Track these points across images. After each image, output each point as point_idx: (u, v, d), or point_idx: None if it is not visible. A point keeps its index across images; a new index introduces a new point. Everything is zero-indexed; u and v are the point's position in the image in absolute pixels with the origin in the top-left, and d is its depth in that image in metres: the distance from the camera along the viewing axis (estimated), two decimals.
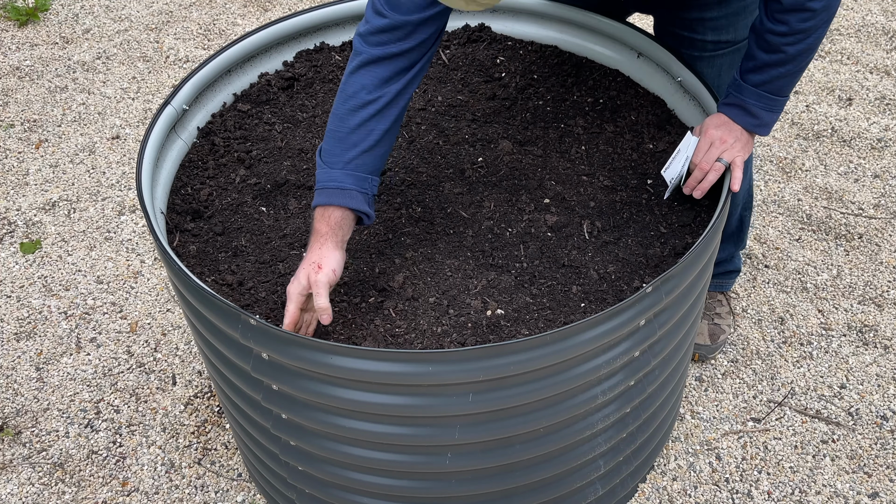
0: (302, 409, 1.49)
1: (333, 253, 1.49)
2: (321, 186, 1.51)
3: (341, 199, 1.49)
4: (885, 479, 2.03)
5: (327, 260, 1.48)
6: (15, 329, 2.46)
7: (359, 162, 1.51)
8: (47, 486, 2.08)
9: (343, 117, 1.51)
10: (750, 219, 2.24)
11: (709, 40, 1.82)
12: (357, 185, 1.51)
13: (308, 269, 1.47)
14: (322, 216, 1.50)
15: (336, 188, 1.50)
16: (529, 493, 1.65)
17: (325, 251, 1.48)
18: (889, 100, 3.13)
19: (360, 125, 1.51)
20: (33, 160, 3.04)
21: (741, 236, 2.26)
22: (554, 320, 1.51)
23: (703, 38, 1.82)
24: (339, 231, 1.50)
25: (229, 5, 3.85)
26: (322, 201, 1.50)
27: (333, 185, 1.50)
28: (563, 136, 1.90)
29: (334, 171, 1.51)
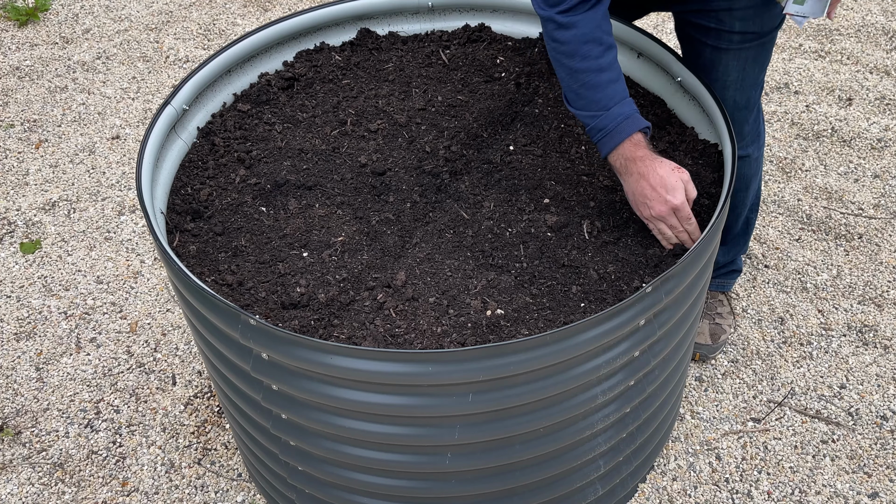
0: (302, 410, 1.49)
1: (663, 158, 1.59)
2: (613, 127, 1.58)
3: (637, 124, 1.59)
4: (885, 479, 2.03)
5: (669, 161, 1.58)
6: (15, 329, 2.46)
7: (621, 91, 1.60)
8: (47, 486, 2.08)
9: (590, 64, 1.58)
10: (755, 221, 2.24)
11: (736, 31, 1.77)
12: (634, 109, 1.60)
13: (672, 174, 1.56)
14: (634, 145, 1.58)
15: (625, 119, 1.58)
16: (529, 493, 1.65)
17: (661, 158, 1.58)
18: (889, 100, 3.13)
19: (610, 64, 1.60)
20: (33, 160, 3.04)
21: (745, 238, 2.26)
22: (554, 320, 1.51)
23: (730, 30, 1.77)
24: (650, 147, 1.60)
25: (229, 5, 3.86)
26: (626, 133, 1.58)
27: (621, 118, 1.58)
28: (563, 136, 1.90)
29: (613, 109, 1.58)
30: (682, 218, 1.58)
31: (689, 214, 1.58)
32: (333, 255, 1.64)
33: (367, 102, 1.99)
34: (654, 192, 1.56)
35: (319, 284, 1.58)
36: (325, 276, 1.60)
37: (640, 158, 1.57)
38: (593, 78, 1.58)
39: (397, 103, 1.99)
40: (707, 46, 1.83)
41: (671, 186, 1.55)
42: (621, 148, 1.58)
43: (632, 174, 1.59)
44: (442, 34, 2.17)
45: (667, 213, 1.57)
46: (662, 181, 1.55)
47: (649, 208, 1.58)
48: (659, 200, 1.56)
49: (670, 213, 1.57)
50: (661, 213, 1.57)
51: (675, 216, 1.57)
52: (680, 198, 1.55)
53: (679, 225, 1.59)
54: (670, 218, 1.58)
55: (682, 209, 1.56)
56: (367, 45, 2.15)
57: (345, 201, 1.76)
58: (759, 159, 2.08)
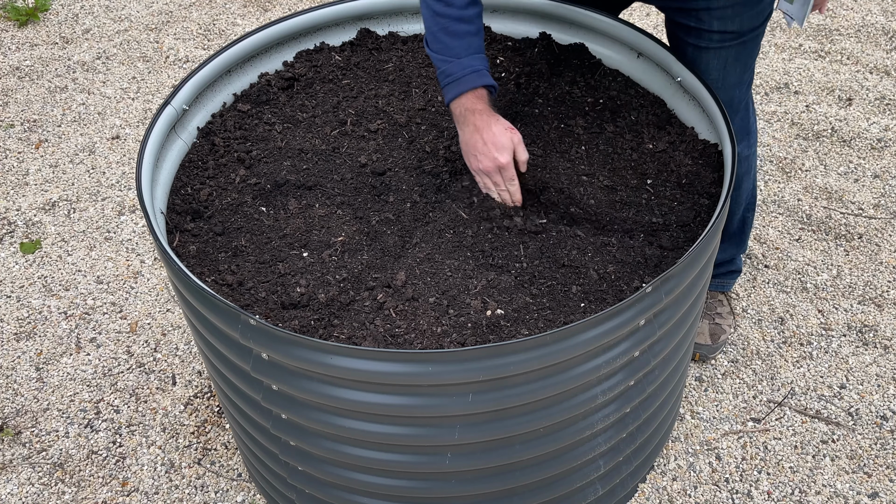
0: (302, 410, 1.49)
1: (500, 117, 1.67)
2: (460, 76, 1.65)
3: (482, 80, 1.66)
4: (885, 479, 2.03)
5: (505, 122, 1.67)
6: (15, 329, 2.46)
7: (476, 47, 1.67)
8: (47, 486, 2.08)
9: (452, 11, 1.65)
10: (752, 220, 2.24)
11: (715, 30, 1.80)
12: (484, 65, 1.67)
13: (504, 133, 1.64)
14: (476, 98, 1.65)
15: (473, 72, 1.65)
16: (529, 493, 1.65)
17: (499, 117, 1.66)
18: (889, 100, 3.13)
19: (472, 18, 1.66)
20: (33, 160, 3.04)
21: (743, 238, 2.26)
22: (554, 320, 1.51)
23: (709, 29, 1.80)
24: (491, 105, 1.67)
25: (229, 5, 3.86)
26: (470, 85, 1.65)
27: (469, 70, 1.65)
28: (563, 136, 1.90)
29: (464, 59, 1.65)
30: (505, 177, 1.66)
31: (513, 176, 1.67)
32: (333, 255, 1.64)
33: (367, 102, 1.99)
34: (485, 146, 1.64)
35: (319, 284, 1.58)
36: (325, 276, 1.60)
37: (478, 112, 1.65)
38: (453, 25, 1.65)
39: (397, 103, 1.99)
40: (689, 45, 1.86)
41: (501, 145, 1.64)
42: (464, 98, 1.65)
43: (468, 124, 1.66)
44: None
45: (493, 169, 1.65)
46: (494, 138, 1.64)
47: (478, 161, 1.66)
48: (487, 156, 1.64)
49: (496, 171, 1.65)
50: (487, 168, 1.65)
51: (499, 174, 1.66)
52: (506, 158, 1.64)
53: (502, 183, 1.68)
54: (495, 175, 1.66)
55: (507, 169, 1.65)
56: (367, 45, 2.15)
57: (345, 201, 1.76)
58: (751, 158, 2.09)
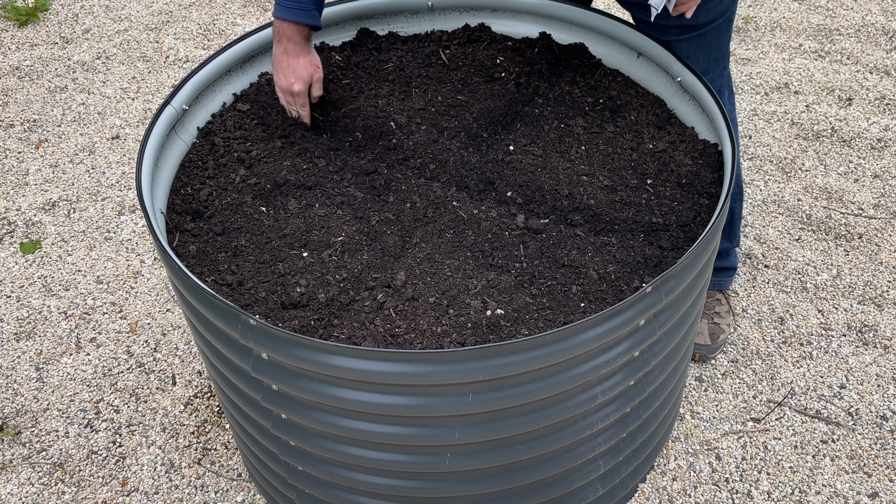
0: (302, 409, 1.49)
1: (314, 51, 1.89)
2: (289, 5, 1.80)
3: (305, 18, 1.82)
4: (885, 479, 2.03)
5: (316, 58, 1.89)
6: (15, 329, 2.46)
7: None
8: (47, 486, 2.08)
9: None
10: (741, 211, 2.24)
11: (672, 24, 1.87)
12: (316, 4, 1.83)
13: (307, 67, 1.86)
14: (295, 30, 1.83)
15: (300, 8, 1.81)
16: (529, 493, 1.65)
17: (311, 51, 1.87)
18: (889, 100, 3.13)
19: None
20: (33, 160, 3.04)
21: (732, 229, 2.26)
22: (554, 320, 1.51)
23: (666, 23, 1.87)
24: (306, 40, 1.86)
25: (229, 5, 3.86)
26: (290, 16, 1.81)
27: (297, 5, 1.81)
28: (563, 136, 1.90)
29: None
30: (297, 102, 1.88)
31: (304, 103, 1.89)
32: (333, 255, 1.64)
33: (367, 102, 1.99)
34: (287, 69, 1.85)
35: (319, 284, 1.58)
36: (325, 276, 1.60)
37: (294, 42, 1.83)
38: None
39: (397, 103, 1.99)
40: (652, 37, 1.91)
41: (299, 75, 1.85)
42: (285, 24, 1.82)
43: (282, 45, 1.84)
44: (442, 34, 2.17)
45: (286, 90, 1.87)
46: (296, 67, 1.84)
47: (277, 77, 1.87)
48: (285, 78, 1.85)
49: (289, 93, 1.87)
50: (283, 86, 1.86)
51: (292, 97, 1.87)
52: (300, 87, 1.85)
53: (293, 105, 1.90)
54: (288, 95, 1.88)
55: (300, 96, 1.87)
56: (367, 45, 2.15)
57: (345, 201, 1.76)
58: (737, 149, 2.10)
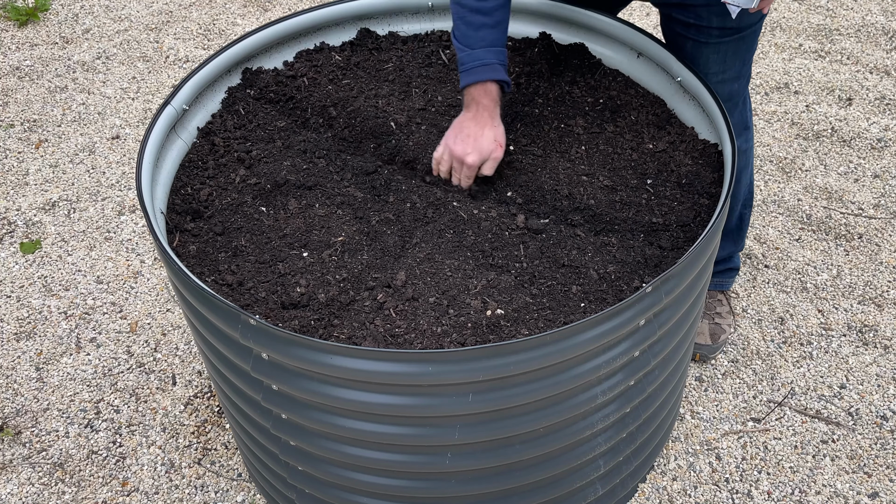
0: (302, 409, 1.49)
1: (501, 126, 1.75)
2: (470, 67, 1.71)
3: (492, 74, 1.71)
4: (885, 479, 2.03)
5: (502, 134, 1.74)
6: (15, 329, 2.46)
7: (491, 39, 1.72)
8: (47, 486, 2.08)
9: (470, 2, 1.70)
10: (749, 217, 2.24)
11: (714, 26, 1.81)
12: (498, 59, 1.71)
13: (490, 143, 1.72)
14: (483, 91, 1.71)
15: (482, 66, 1.70)
16: (529, 493, 1.65)
17: (499, 124, 1.74)
18: (889, 100, 3.13)
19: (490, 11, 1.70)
20: (33, 160, 3.04)
21: (740, 234, 2.26)
22: (554, 320, 1.51)
23: (708, 25, 1.81)
24: (499, 102, 1.74)
25: (229, 5, 3.86)
26: (478, 77, 1.70)
27: (479, 63, 1.70)
28: (563, 136, 1.90)
29: (476, 51, 1.71)
30: (464, 174, 1.75)
31: (471, 175, 1.75)
32: (333, 255, 1.64)
33: (367, 102, 1.99)
34: (468, 139, 1.72)
35: (319, 284, 1.58)
36: (325, 276, 1.60)
37: (483, 107, 1.72)
38: (469, 16, 1.70)
39: (397, 103, 1.99)
40: (688, 40, 1.87)
41: (482, 149, 1.72)
42: (473, 88, 1.71)
43: (469, 111, 1.73)
44: (442, 34, 2.17)
45: (460, 160, 1.73)
46: (480, 139, 1.72)
47: (454, 142, 1.73)
48: (464, 147, 1.72)
49: (461, 163, 1.73)
50: (457, 154, 1.73)
51: (461, 167, 1.74)
52: (474, 160, 1.72)
53: (459, 174, 1.76)
54: (457, 163, 1.74)
55: (470, 169, 1.74)
56: (367, 45, 2.15)
57: (345, 201, 1.76)
58: (749, 152, 2.10)
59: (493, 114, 1.73)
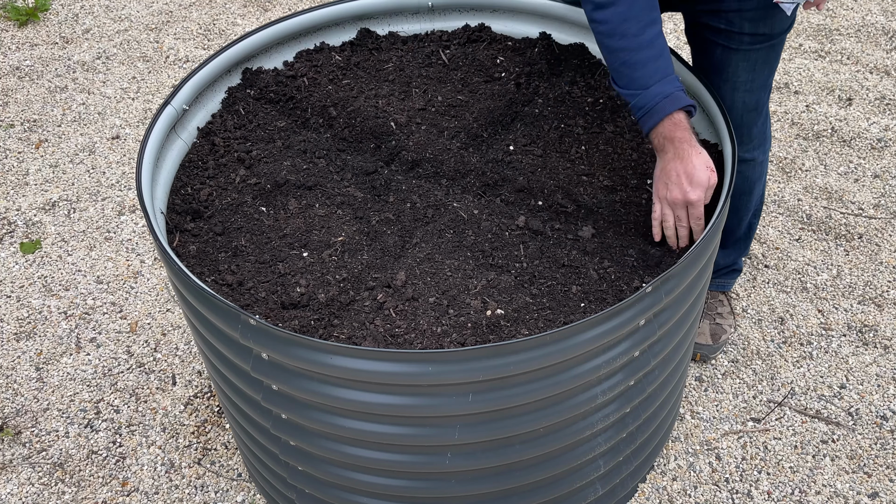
0: (302, 409, 1.49)
1: (705, 151, 1.59)
2: (652, 106, 1.56)
3: (677, 103, 1.57)
4: (885, 479, 2.03)
5: (709, 159, 1.57)
6: (15, 329, 2.46)
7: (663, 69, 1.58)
8: (47, 486, 2.08)
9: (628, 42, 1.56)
10: (757, 226, 2.24)
11: (746, 32, 1.78)
12: (676, 87, 1.58)
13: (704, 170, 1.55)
14: (673, 125, 1.56)
15: (664, 98, 1.56)
16: (529, 493, 1.65)
17: (702, 150, 1.57)
18: (889, 100, 3.13)
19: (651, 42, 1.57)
20: (33, 160, 3.04)
21: (747, 243, 2.27)
22: (554, 320, 1.51)
23: (740, 31, 1.78)
24: (692, 129, 1.59)
25: (229, 5, 3.86)
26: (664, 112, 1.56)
27: (660, 97, 1.56)
28: (563, 136, 1.90)
29: (652, 88, 1.57)
30: (691, 214, 1.58)
31: (701, 215, 1.58)
32: (333, 255, 1.64)
33: (367, 102, 1.99)
34: (680, 178, 1.56)
35: (319, 284, 1.58)
36: (325, 276, 1.60)
37: (679, 140, 1.57)
38: (632, 56, 1.57)
39: (397, 103, 1.99)
40: (718, 46, 1.84)
41: (698, 180, 1.55)
42: (661, 126, 1.57)
43: (667, 153, 1.58)
44: (442, 34, 2.17)
45: (681, 202, 1.57)
46: (693, 171, 1.55)
47: (668, 189, 1.58)
48: (680, 187, 1.56)
49: (683, 205, 1.57)
50: (675, 198, 1.57)
51: (685, 209, 1.58)
52: (699, 195, 1.56)
53: (685, 219, 1.59)
54: (680, 208, 1.58)
55: (697, 206, 1.57)
56: (367, 45, 2.15)
57: (345, 201, 1.76)
58: (765, 164, 2.08)
59: (692, 142, 1.57)
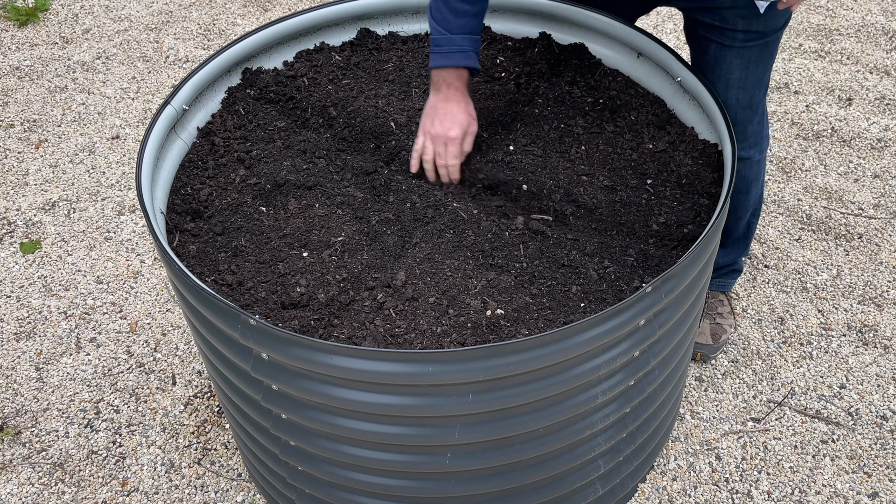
0: (302, 409, 1.49)
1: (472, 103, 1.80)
2: (447, 51, 1.74)
3: (467, 61, 1.75)
4: (885, 479, 2.03)
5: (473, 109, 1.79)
6: (15, 329, 2.46)
7: (471, 28, 1.75)
8: (47, 486, 2.08)
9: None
10: (756, 225, 2.24)
11: (740, 29, 1.80)
12: (473, 47, 1.76)
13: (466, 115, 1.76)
14: (457, 76, 1.76)
15: (460, 51, 1.74)
16: (529, 493, 1.65)
17: (469, 102, 1.78)
18: (889, 100, 3.13)
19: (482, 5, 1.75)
20: (33, 160, 3.04)
21: (746, 242, 2.26)
22: (554, 320, 1.51)
23: (733, 28, 1.80)
24: (468, 86, 1.79)
25: (229, 5, 3.86)
26: (454, 62, 1.74)
27: (456, 48, 1.74)
28: (563, 136, 1.90)
29: (455, 37, 1.74)
30: (450, 152, 1.76)
31: (455, 154, 1.76)
32: (333, 255, 1.64)
33: (367, 102, 1.99)
34: (445, 116, 1.75)
35: (319, 284, 1.58)
36: (325, 276, 1.60)
37: (455, 88, 1.76)
38: (454, 2, 1.73)
39: (397, 103, 1.99)
40: (712, 43, 1.85)
41: (459, 122, 1.75)
42: (446, 71, 1.75)
43: (441, 93, 1.77)
44: None
45: (442, 137, 1.75)
46: (457, 113, 1.75)
47: (433, 123, 1.76)
48: (443, 124, 1.75)
49: (443, 141, 1.75)
50: (437, 133, 1.75)
51: (445, 145, 1.75)
52: (457, 133, 1.74)
53: (444, 155, 1.77)
54: (440, 144, 1.76)
55: (453, 144, 1.75)
56: (367, 45, 2.15)
57: (345, 201, 1.76)
58: (762, 162, 2.08)
59: (464, 94, 1.77)
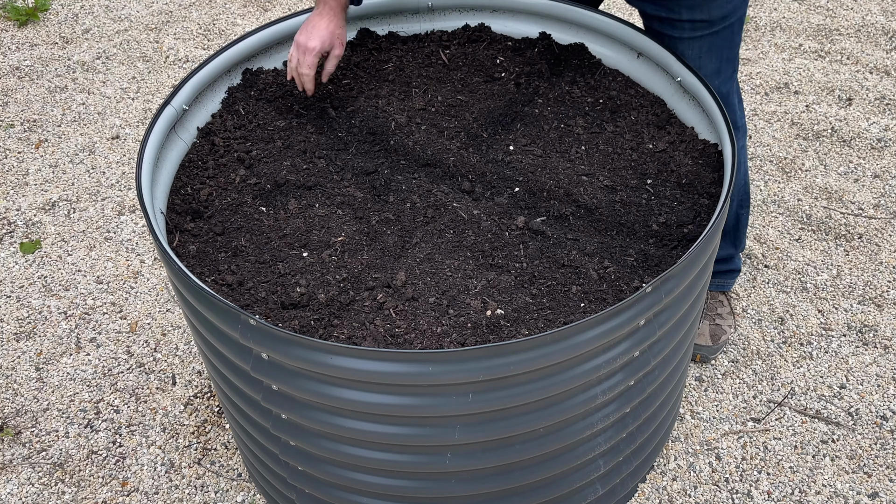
0: (302, 409, 1.49)
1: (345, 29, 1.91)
2: None
3: None
4: (885, 479, 2.03)
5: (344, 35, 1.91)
6: (15, 329, 2.46)
7: None
8: (47, 486, 2.08)
9: None
10: (747, 218, 2.24)
11: (685, 19, 1.84)
12: None
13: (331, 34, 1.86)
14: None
15: None
16: (529, 493, 1.65)
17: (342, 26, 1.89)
18: (889, 100, 3.13)
19: None
20: (33, 160, 3.04)
21: (738, 235, 2.26)
22: (554, 320, 1.51)
23: (679, 18, 1.84)
24: (346, 8, 1.90)
25: (229, 5, 3.86)
26: None
27: None
28: (563, 136, 1.90)
29: None
30: (304, 61, 1.86)
31: (311, 65, 1.86)
32: (333, 255, 1.64)
33: (367, 102, 1.99)
34: (311, 28, 1.86)
35: (319, 284, 1.58)
36: (325, 276, 1.60)
37: (330, 8, 1.86)
38: None
39: (397, 103, 1.99)
40: (664, 36, 1.90)
41: (320, 35, 1.85)
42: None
43: (317, 8, 1.88)
44: (442, 34, 2.17)
45: (301, 47, 1.86)
46: (321, 29, 1.86)
47: (300, 33, 1.87)
48: (307, 34, 1.86)
49: (303, 50, 1.86)
50: (298, 41, 1.86)
51: (304, 55, 1.86)
52: (315, 45, 1.85)
53: (301, 64, 1.87)
54: (299, 52, 1.87)
55: (309, 56, 1.85)
56: (367, 45, 2.15)
57: (345, 201, 1.76)
58: (741, 151, 2.10)
59: (338, 13, 1.87)
